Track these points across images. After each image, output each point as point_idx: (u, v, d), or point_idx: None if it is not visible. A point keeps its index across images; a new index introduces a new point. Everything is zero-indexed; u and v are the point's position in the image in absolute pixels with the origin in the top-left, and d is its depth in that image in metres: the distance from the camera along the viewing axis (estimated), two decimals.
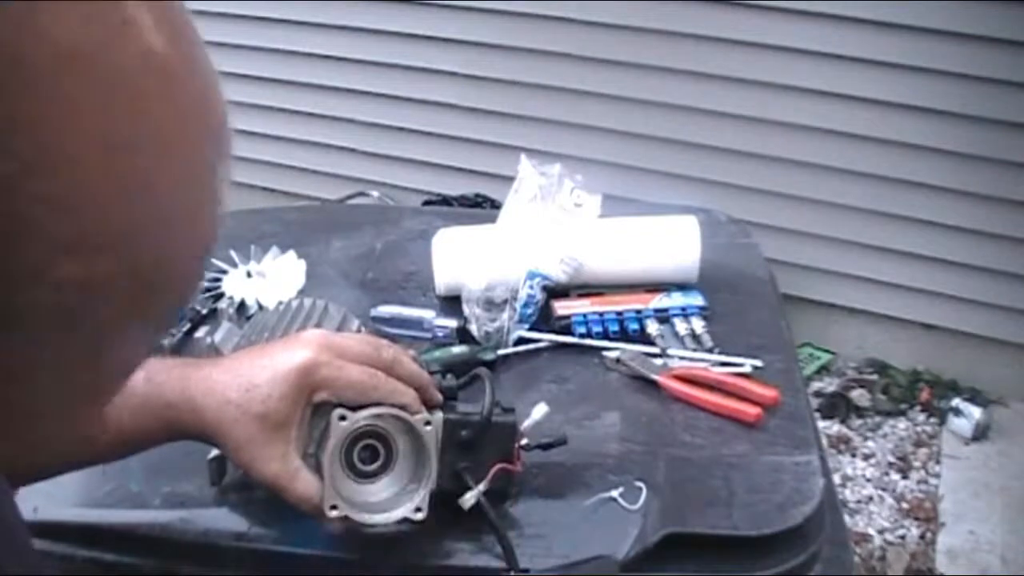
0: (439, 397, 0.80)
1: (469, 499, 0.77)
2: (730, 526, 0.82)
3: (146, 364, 0.78)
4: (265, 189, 3.16)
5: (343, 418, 0.75)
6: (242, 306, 1.15)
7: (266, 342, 0.87)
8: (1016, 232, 2.39)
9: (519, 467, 0.81)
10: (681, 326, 1.09)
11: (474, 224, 1.19)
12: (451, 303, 1.12)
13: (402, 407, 0.76)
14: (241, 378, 0.74)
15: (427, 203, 2.83)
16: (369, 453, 0.77)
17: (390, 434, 0.77)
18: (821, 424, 2.45)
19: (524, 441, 0.83)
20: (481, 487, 0.78)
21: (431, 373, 0.82)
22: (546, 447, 0.85)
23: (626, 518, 0.82)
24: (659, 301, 1.12)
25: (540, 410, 0.83)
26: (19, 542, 0.52)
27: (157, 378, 0.75)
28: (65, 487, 0.85)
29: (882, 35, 2.30)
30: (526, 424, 0.82)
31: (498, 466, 0.79)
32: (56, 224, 0.27)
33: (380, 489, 0.77)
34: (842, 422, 2.51)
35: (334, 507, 0.74)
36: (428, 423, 0.77)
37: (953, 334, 2.57)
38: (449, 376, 0.83)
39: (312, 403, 0.75)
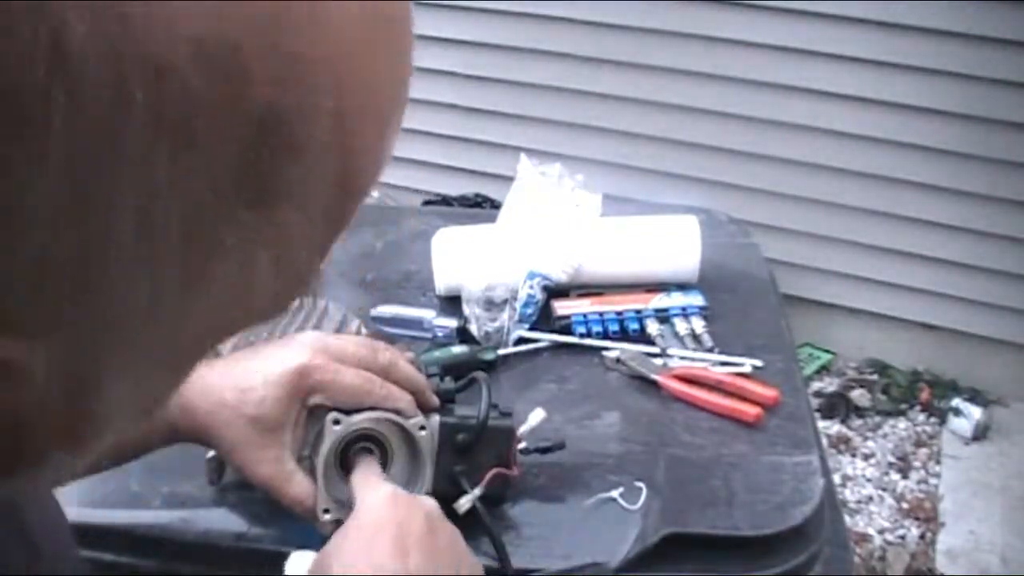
0: (436, 401, 0.80)
1: (464, 504, 0.77)
2: (730, 526, 0.82)
3: None
4: None
5: (337, 422, 0.75)
6: None
7: (264, 342, 0.87)
8: (1016, 232, 2.39)
9: (516, 471, 0.81)
10: (681, 326, 1.09)
11: (474, 224, 1.19)
12: (451, 303, 1.12)
13: (397, 412, 0.76)
14: (236, 380, 0.74)
15: (427, 203, 2.83)
16: (364, 456, 0.77)
17: (385, 437, 0.77)
18: (821, 424, 2.45)
19: (522, 445, 0.83)
20: (477, 491, 0.78)
21: (430, 376, 0.82)
22: (544, 451, 0.85)
23: (626, 518, 0.82)
24: (659, 301, 1.12)
25: (537, 416, 0.83)
26: (63, 545, 0.52)
27: None
28: (65, 487, 0.85)
29: (882, 35, 2.30)
30: (523, 430, 0.82)
31: (494, 471, 0.79)
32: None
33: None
34: (842, 422, 2.51)
35: (327, 511, 0.74)
36: (423, 427, 0.77)
37: (953, 334, 2.57)
38: (447, 379, 0.83)
39: (307, 406, 0.75)
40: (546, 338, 1.07)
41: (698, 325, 1.08)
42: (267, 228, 0.28)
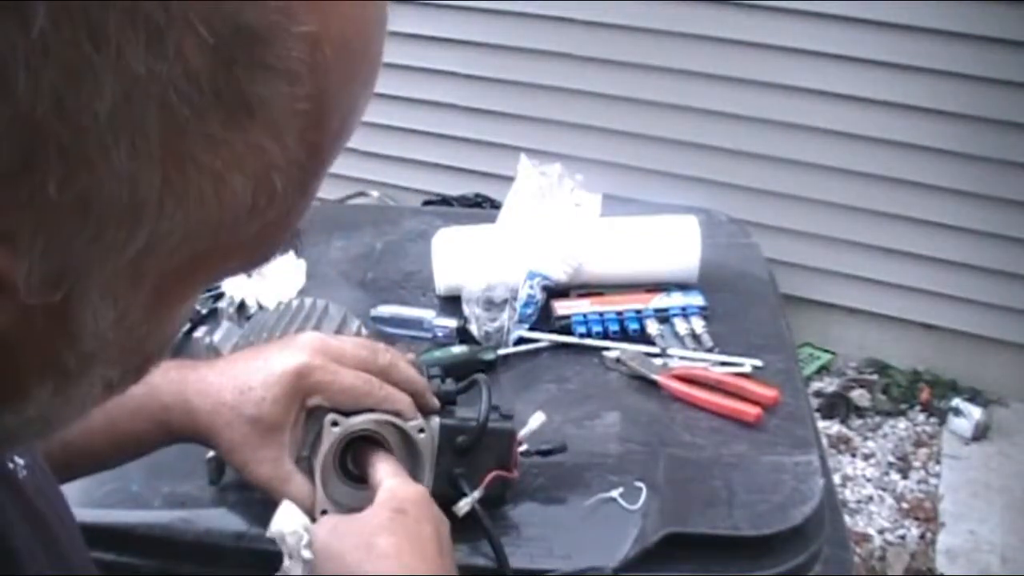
0: (435, 403, 0.80)
1: (463, 506, 0.77)
2: (730, 526, 0.82)
3: None
4: None
5: (336, 424, 0.75)
6: (242, 306, 1.15)
7: (265, 342, 0.87)
8: (1016, 232, 2.39)
9: (516, 474, 0.81)
10: (681, 326, 1.09)
11: (474, 224, 1.19)
12: (451, 303, 1.12)
13: (396, 413, 0.76)
14: (236, 380, 0.74)
15: (427, 203, 2.83)
16: (378, 449, 0.77)
17: (384, 439, 0.77)
18: (821, 424, 2.45)
19: (523, 447, 0.82)
20: (476, 494, 0.77)
21: (431, 377, 0.82)
22: (545, 453, 0.85)
23: (626, 518, 0.82)
24: (659, 301, 1.12)
25: (537, 419, 0.83)
26: (78, 547, 0.52)
27: (152, 380, 0.75)
28: (65, 487, 0.84)
29: (882, 35, 2.30)
30: (523, 433, 0.82)
31: (494, 473, 0.79)
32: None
33: (374, 494, 0.77)
34: (842, 422, 2.51)
35: (324, 512, 0.74)
36: (422, 430, 0.77)
37: (953, 334, 2.57)
38: (448, 381, 0.82)
39: (306, 407, 0.75)
40: (546, 338, 1.07)
41: (698, 325, 1.08)
42: (242, 149, 0.29)
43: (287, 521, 0.72)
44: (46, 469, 0.52)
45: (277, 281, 1.18)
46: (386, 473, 0.73)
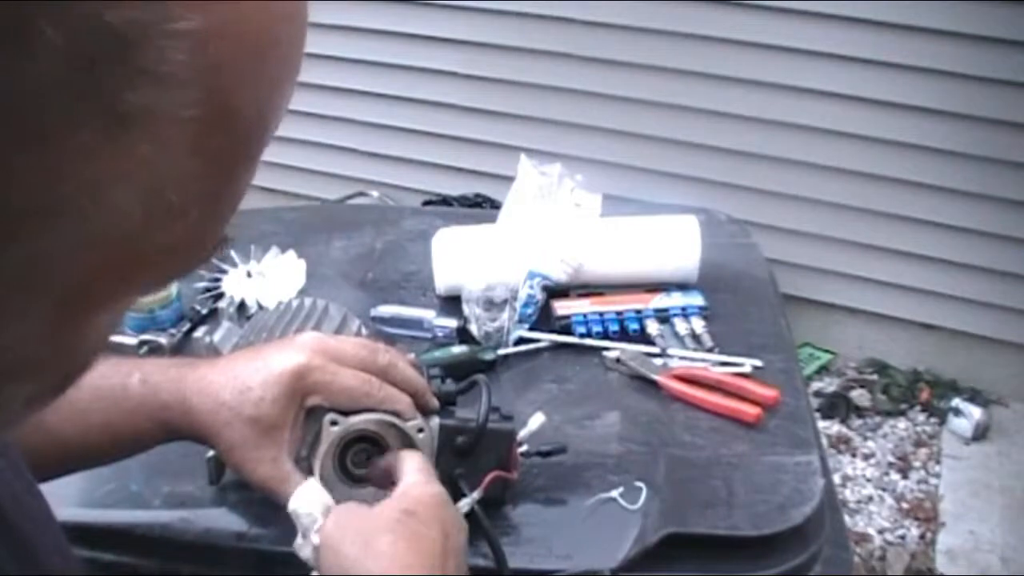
0: (435, 403, 0.80)
1: (463, 507, 0.77)
2: (730, 526, 0.82)
3: (142, 365, 0.78)
4: (265, 189, 3.15)
5: (335, 423, 0.75)
6: (242, 306, 1.15)
7: (265, 342, 0.87)
8: (1016, 232, 2.39)
9: (515, 475, 0.81)
10: (681, 326, 1.09)
11: (474, 224, 1.19)
12: (451, 303, 1.12)
13: (395, 414, 0.76)
14: (235, 380, 0.74)
15: (427, 203, 2.83)
16: (363, 457, 0.77)
17: (383, 439, 0.77)
18: (821, 424, 2.45)
19: (523, 448, 0.82)
20: (476, 495, 0.77)
21: (431, 378, 0.82)
22: (545, 454, 0.85)
23: (626, 518, 0.82)
24: (659, 301, 1.12)
25: (537, 420, 0.83)
26: (56, 544, 0.52)
27: (152, 379, 0.75)
28: (65, 487, 0.85)
29: (882, 35, 2.30)
30: (523, 434, 0.82)
31: (493, 474, 0.79)
32: None
33: (373, 493, 0.77)
34: (842, 422, 2.51)
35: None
36: (421, 430, 0.77)
37: (953, 334, 2.57)
38: (449, 381, 0.82)
39: (305, 407, 0.75)
40: (546, 338, 1.07)
41: (698, 325, 1.08)
42: (121, 160, 0.27)
43: (306, 501, 0.72)
44: (21, 469, 0.52)
45: (277, 281, 1.18)
46: (410, 469, 0.72)
